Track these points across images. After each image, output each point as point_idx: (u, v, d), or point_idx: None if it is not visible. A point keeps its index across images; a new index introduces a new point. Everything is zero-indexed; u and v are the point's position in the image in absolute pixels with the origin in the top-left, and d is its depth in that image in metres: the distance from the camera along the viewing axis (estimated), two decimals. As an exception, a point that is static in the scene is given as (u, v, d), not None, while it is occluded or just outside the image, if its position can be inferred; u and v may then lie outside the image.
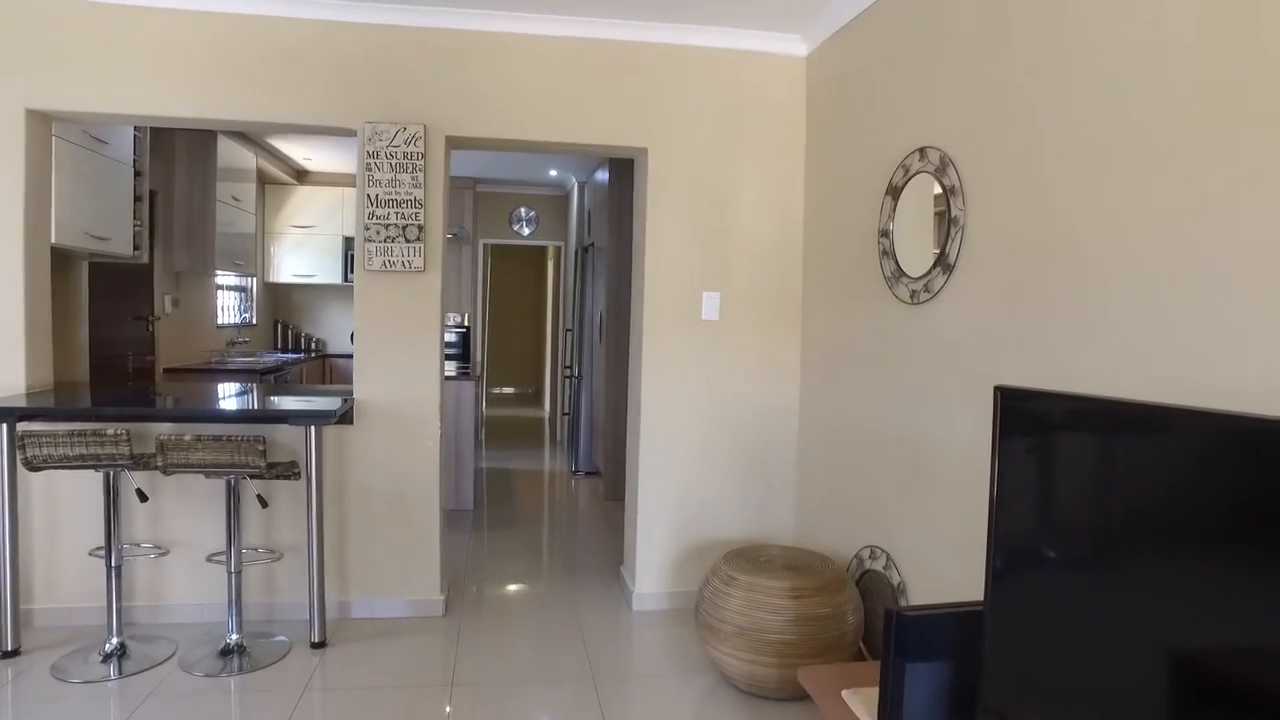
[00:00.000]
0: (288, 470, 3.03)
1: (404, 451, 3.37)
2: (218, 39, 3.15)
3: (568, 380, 7.15)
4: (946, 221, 2.42)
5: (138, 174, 4.10)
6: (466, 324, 7.51)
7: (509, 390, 12.35)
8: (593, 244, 6.47)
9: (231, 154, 5.41)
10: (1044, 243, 2.01)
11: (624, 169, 5.36)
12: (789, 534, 3.68)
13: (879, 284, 2.88)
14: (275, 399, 3.37)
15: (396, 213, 3.27)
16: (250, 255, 5.84)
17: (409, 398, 3.36)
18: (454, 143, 3.42)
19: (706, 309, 3.53)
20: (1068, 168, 1.93)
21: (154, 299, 5.00)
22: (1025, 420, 1.54)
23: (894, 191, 2.77)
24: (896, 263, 2.76)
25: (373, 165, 3.25)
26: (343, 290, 7.61)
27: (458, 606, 3.57)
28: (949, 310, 2.44)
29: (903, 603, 2.69)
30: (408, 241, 3.28)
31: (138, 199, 4.10)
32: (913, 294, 2.64)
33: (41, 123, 3.17)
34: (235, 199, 5.48)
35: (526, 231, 8.08)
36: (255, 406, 3.14)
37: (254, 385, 4.38)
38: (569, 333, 7.17)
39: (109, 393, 3.38)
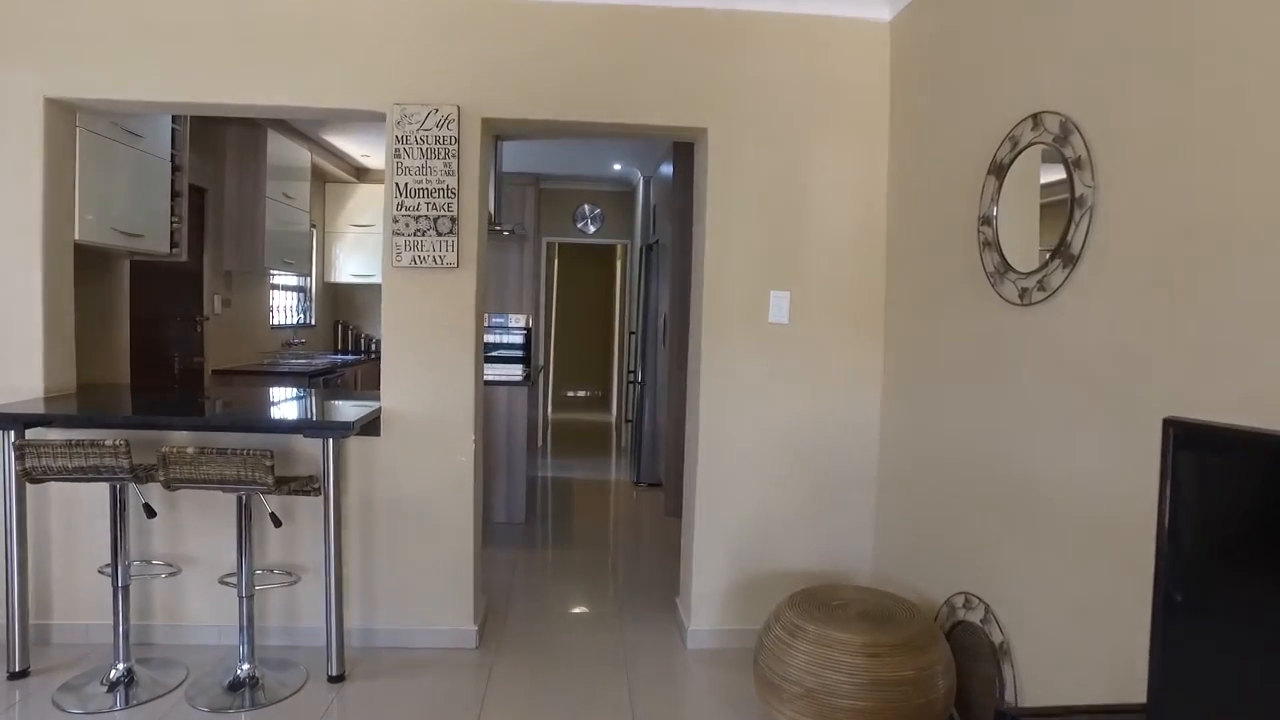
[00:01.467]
0: (306, 485, 2.76)
1: (435, 467, 3.07)
2: (239, 19, 2.91)
3: (631, 385, 6.80)
4: (1069, 203, 1.95)
5: (177, 168, 3.94)
6: (529, 325, 7.25)
7: (577, 393, 12.10)
8: (657, 241, 6.10)
9: (284, 150, 5.26)
10: (1209, 226, 1.53)
11: (688, 160, 4.95)
12: (866, 570, 3.22)
13: (979, 281, 2.41)
14: (299, 407, 3.12)
15: (427, 203, 2.96)
16: (304, 254, 5.70)
17: (441, 407, 3.05)
18: (491, 126, 3.10)
19: (774, 310, 3.11)
20: (1245, 127, 1.45)
21: (203, 299, 4.87)
22: (1207, 463, 1.09)
23: (998, 170, 2.30)
24: (1001, 255, 2.28)
25: (402, 151, 2.96)
26: (403, 291, 7.45)
27: (493, 638, 3.24)
28: (1072, 312, 1.96)
29: (1007, 668, 2.21)
30: (439, 235, 2.97)
31: (176, 195, 3.94)
32: (1022, 293, 2.17)
33: (62, 113, 2.99)
34: (288, 196, 5.33)
35: (592, 229, 7.78)
36: (274, 416, 2.88)
37: (293, 390, 4.18)
38: (633, 335, 6.82)
39: (124, 398, 3.19)
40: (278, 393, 3.79)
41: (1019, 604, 2.18)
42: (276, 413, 3.03)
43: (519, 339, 7.31)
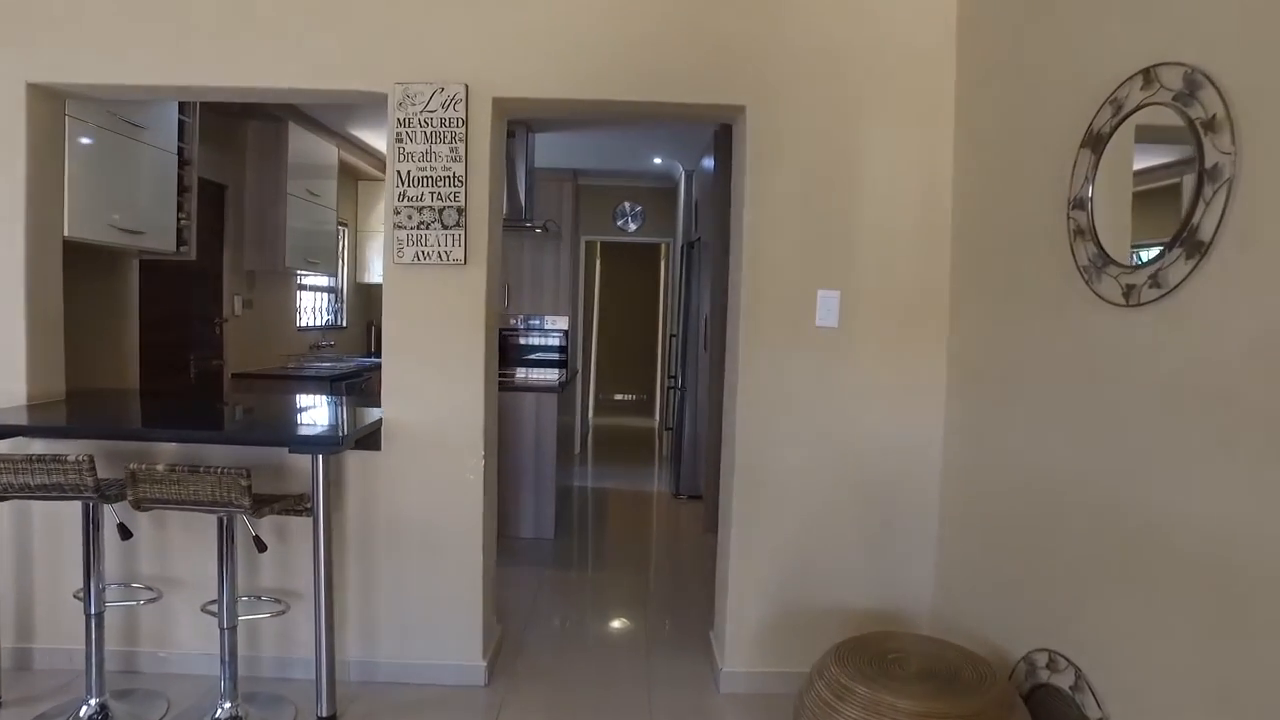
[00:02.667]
0: (295, 505, 2.49)
1: (441, 485, 2.77)
2: (230, -9, 2.67)
3: (671, 391, 6.45)
4: (1198, 175, 1.54)
5: (186, 163, 3.74)
6: (567, 327, 6.97)
7: (620, 397, 11.79)
8: (698, 239, 5.74)
9: (308, 146, 5.06)
10: None
11: (730, 150, 4.59)
12: (925, 611, 2.81)
13: (1069, 277, 2.00)
14: (294, 418, 2.85)
15: (431, 193, 2.67)
16: (330, 254, 5.49)
17: (447, 420, 2.75)
18: (503, 108, 2.79)
19: (822, 312, 2.73)
20: None
21: (222, 299, 4.69)
22: None
23: (1095, 141, 1.89)
24: (1098, 245, 1.88)
25: (404, 136, 2.67)
26: (438, 291, 7.23)
27: (505, 673, 2.93)
28: (1200, 313, 1.55)
29: (1106, 752, 1.80)
30: (444, 228, 2.67)
31: (185, 190, 3.73)
32: (1128, 291, 1.76)
33: (47, 99, 2.78)
34: (312, 194, 5.13)
35: (632, 227, 7.46)
36: (260, 428, 2.62)
37: (305, 397, 3.94)
38: (673, 338, 6.47)
39: (116, 404, 2.97)
40: (285, 400, 3.55)
41: (1126, 675, 1.77)
42: (265, 424, 2.76)
43: (556, 341, 7.05)
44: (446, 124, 2.66)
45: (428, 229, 2.67)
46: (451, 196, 2.67)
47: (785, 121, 2.71)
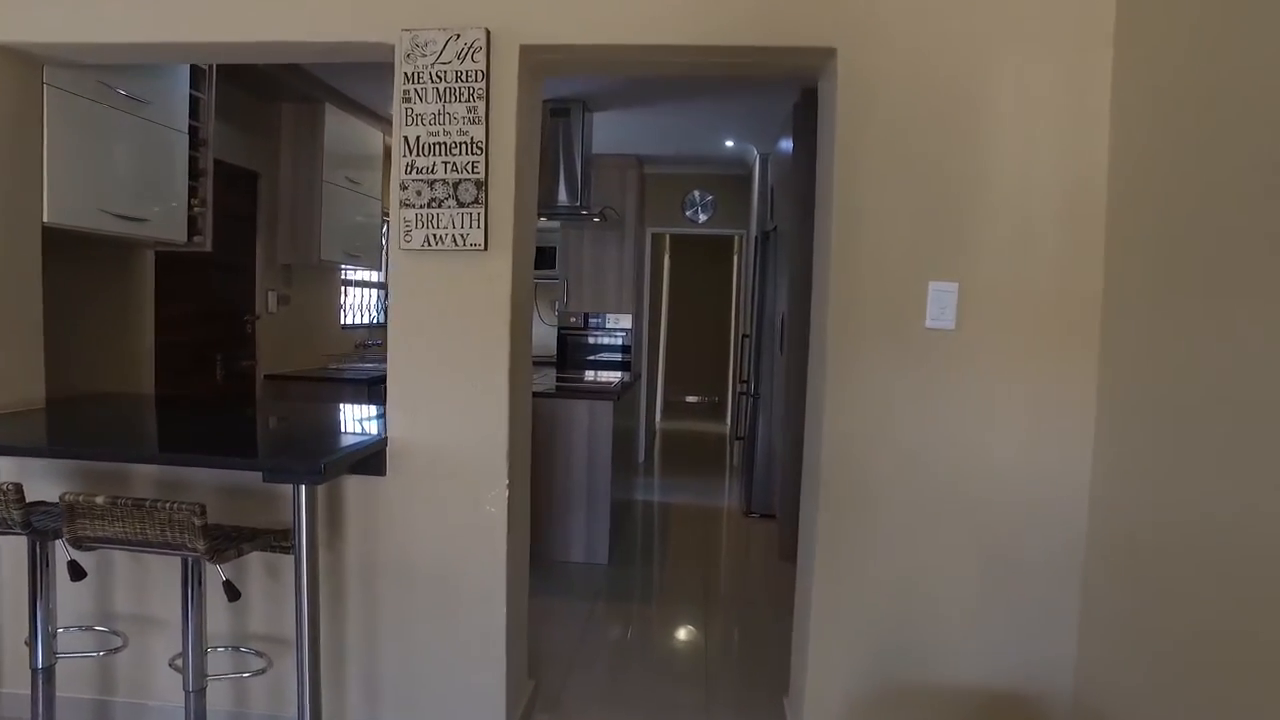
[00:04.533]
0: (279, 541, 2.05)
1: (456, 517, 2.29)
2: (213, -73, 2.24)
3: (743, 397, 5.87)
4: None
5: (202, 142, 3.37)
6: (631, 325, 6.47)
7: (692, 399, 11.24)
8: (775, 229, 5.15)
9: (348, 131, 4.68)
10: None
11: (812, 127, 3.98)
12: (1064, 694, 2.18)
13: (1322, 259, 1.36)
14: (280, 434, 2.42)
15: (445, 163, 2.19)
16: (374, 246, 5.12)
17: (464, 439, 2.26)
18: (534, 58, 2.27)
19: (934, 310, 2.13)
20: None
21: (254, 295, 4.36)
22: None
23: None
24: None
25: (412, 94, 2.19)
26: (494, 288, 6.84)
27: (535, 745, 2.44)
28: None
29: None
30: (460, 206, 2.19)
31: (200, 174, 3.37)
32: None
33: (19, 64, 2.42)
34: (353, 182, 4.75)
35: (703, 218, 6.90)
36: (235, 447, 2.19)
37: (341, 402, 3.54)
38: (746, 339, 5.89)
39: (101, 415, 2.59)
40: (310, 409, 3.15)
41: None
42: (245, 442, 2.34)
43: (620, 340, 6.55)
44: (463, 78, 2.17)
45: (440, 207, 2.19)
46: (469, 167, 2.18)
47: (886, 67, 2.12)
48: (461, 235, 2.19)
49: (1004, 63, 2.09)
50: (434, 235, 2.20)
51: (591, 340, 6.46)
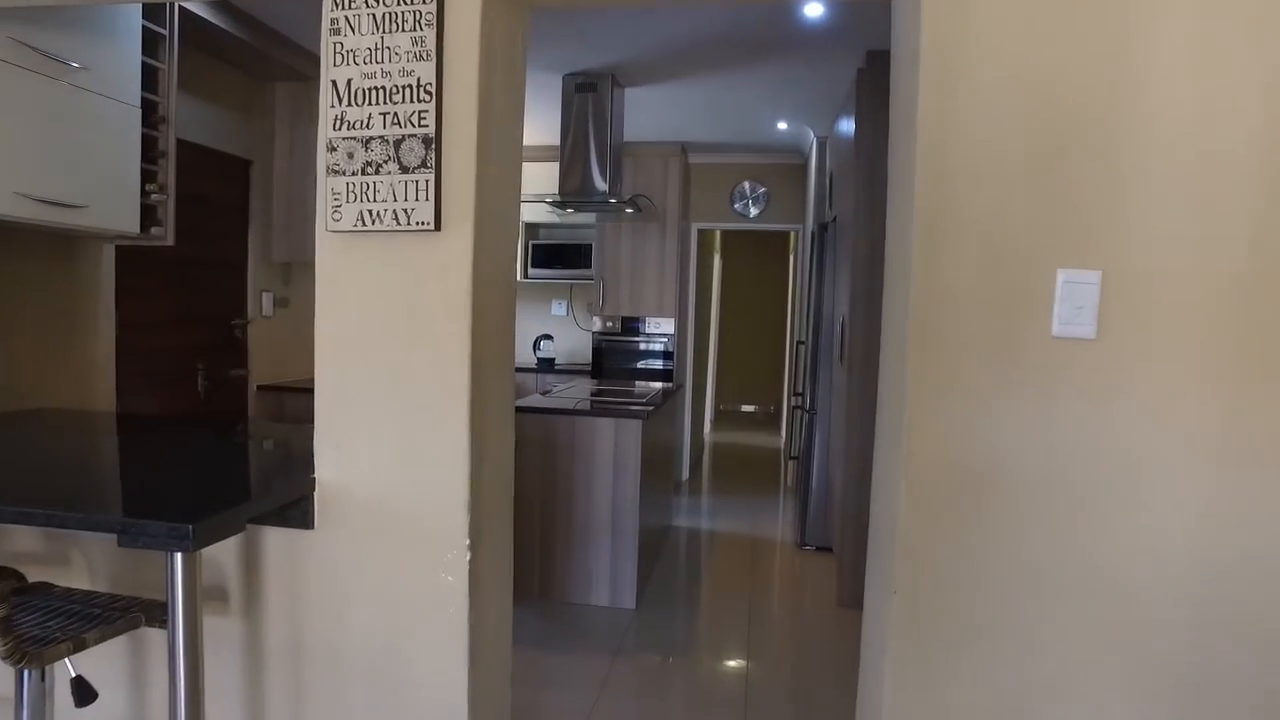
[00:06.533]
0: (151, 615, 1.53)
1: (403, 586, 1.73)
2: None
3: (797, 411, 5.21)
4: None
5: (162, 120, 2.92)
6: (674, 330, 5.87)
7: (748, 408, 10.58)
8: (834, 219, 4.50)
9: (355, 112, 4.21)
10: None
11: (880, 95, 3.32)
12: None
13: None
14: (180, 476, 1.90)
15: (384, 114, 1.63)
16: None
17: (411, 486, 1.70)
18: (508, -25, 1.71)
19: (1064, 311, 1.47)
20: None
21: (245, 297, 3.91)
22: None
23: None
24: None
25: (341, 23, 1.65)
26: (523, 288, 6.33)
27: None
28: None
29: None
30: (404, 171, 1.63)
31: (159, 155, 2.91)
32: None
33: (-109, 8, 1.97)
34: (359, 169, 4.27)
35: (754, 212, 6.26)
36: (93, 496, 1.67)
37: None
38: (800, 346, 5.23)
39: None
40: (276, 429, 2.65)
41: None
42: (148, 482, 1.81)
43: (661, 346, 5.96)
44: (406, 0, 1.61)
45: (378, 174, 1.64)
46: (415, 119, 1.62)
47: (994, -34, 1.48)
48: (405, 210, 1.63)
49: (1171, -50, 1.43)
50: (370, 211, 1.65)
51: (630, 346, 5.88)
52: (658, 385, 5.00)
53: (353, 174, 1.65)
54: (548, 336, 6.22)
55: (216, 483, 1.83)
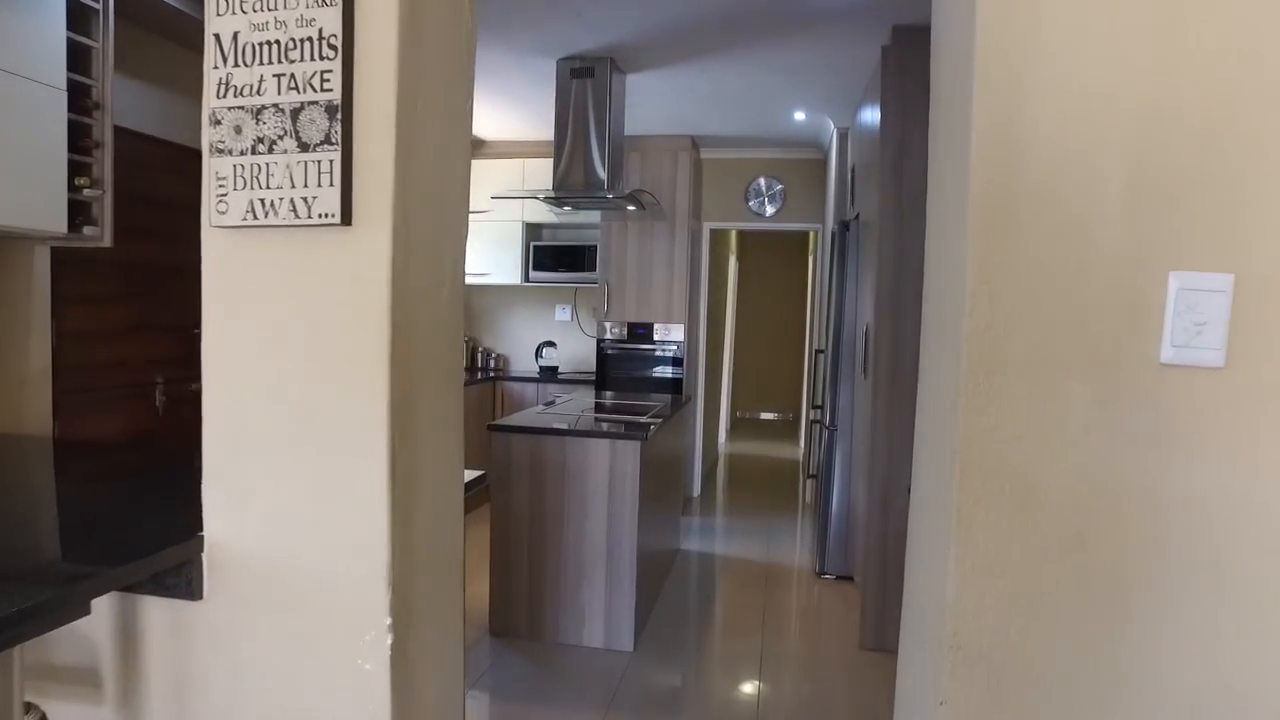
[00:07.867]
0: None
1: (314, 674, 1.37)
2: None
3: (815, 425, 4.81)
4: None
5: (95, 105, 2.59)
6: (684, 337, 5.49)
7: (767, 415, 10.18)
8: (856, 217, 4.10)
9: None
10: None
11: (907, 71, 2.91)
12: None
13: None
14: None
15: (277, 76, 1.27)
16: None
17: (317, 548, 1.34)
18: (441, -101, 1.35)
19: (1179, 329, 1.08)
20: None
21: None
22: None
23: None
24: None
25: (226, -40, 1.29)
26: (524, 293, 5.99)
27: None
28: None
29: None
30: (303, 150, 1.27)
31: (94, 146, 2.58)
32: None
33: None
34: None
35: (770, 210, 5.86)
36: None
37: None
38: (819, 355, 4.84)
39: None
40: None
41: None
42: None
43: (670, 353, 5.58)
44: (306, -73, 1.26)
45: (271, 152, 1.28)
46: (316, 82, 1.26)
47: None
48: (305, 199, 1.27)
49: None
50: (263, 200, 1.29)
51: (637, 354, 5.51)
52: (665, 397, 4.63)
53: (241, 153, 1.29)
54: (550, 343, 5.87)
55: (70, 538, 1.47)
